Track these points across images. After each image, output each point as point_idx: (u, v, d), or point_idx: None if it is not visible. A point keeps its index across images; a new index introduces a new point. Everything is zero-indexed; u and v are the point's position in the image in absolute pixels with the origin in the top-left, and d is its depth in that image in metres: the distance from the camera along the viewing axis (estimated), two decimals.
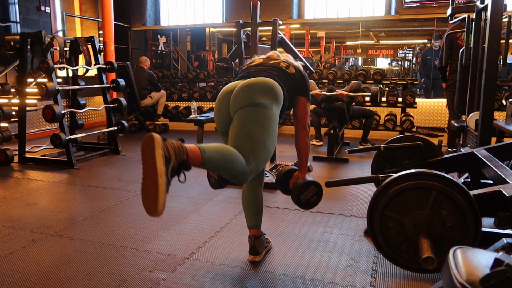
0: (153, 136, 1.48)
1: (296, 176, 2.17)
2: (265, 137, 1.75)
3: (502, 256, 0.82)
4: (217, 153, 1.59)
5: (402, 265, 1.82)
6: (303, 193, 2.07)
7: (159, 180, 1.51)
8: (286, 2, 7.86)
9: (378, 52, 12.96)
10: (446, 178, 1.70)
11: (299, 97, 2.04)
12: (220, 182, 2.20)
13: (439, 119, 6.65)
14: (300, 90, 2.03)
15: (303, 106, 2.06)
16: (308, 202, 2.09)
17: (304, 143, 2.09)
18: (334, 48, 12.42)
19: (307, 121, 2.08)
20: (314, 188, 2.10)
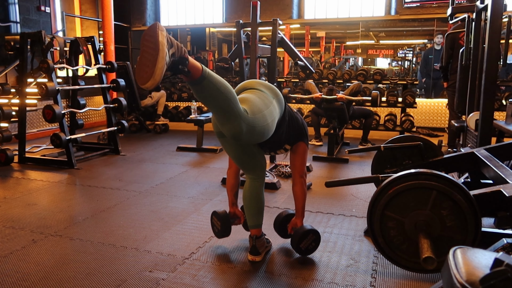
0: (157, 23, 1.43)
1: (294, 222, 2.23)
2: (263, 107, 1.79)
3: (502, 256, 0.82)
4: (218, 77, 1.56)
5: (402, 265, 1.82)
6: (303, 242, 2.14)
7: (159, 47, 1.37)
8: (286, 2, 7.87)
9: (378, 52, 12.96)
10: (446, 178, 1.70)
11: (299, 142, 2.12)
12: (224, 230, 2.27)
13: (439, 119, 6.65)
14: (300, 134, 2.12)
15: (301, 153, 2.14)
16: (307, 249, 2.17)
17: (301, 191, 2.17)
18: (334, 48, 12.41)
19: (304, 170, 2.17)
20: (312, 236, 2.16)
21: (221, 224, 2.25)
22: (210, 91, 1.54)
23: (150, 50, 1.38)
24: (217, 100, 1.57)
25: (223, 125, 1.67)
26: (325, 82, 6.69)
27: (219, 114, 1.63)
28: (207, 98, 1.57)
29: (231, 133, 1.66)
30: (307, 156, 2.22)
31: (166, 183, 3.64)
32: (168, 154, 4.88)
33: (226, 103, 1.57)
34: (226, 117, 1.62)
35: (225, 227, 2.26)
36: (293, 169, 2.19)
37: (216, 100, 1.56)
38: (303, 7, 8.02)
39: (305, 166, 2.19)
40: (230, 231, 2.30)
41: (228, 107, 1.58)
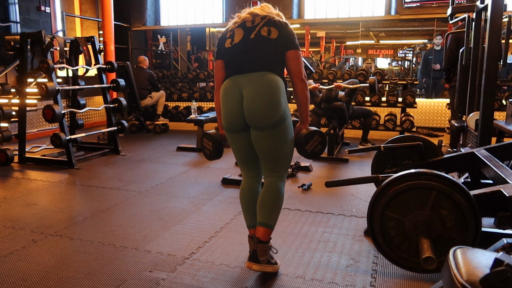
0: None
1: (299, 128, 2.11)
2: (290, 147, 2.02)
3: (502, 256, 0.82)
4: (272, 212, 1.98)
5: (402, 265, 1.82)
6: (308, 144, 2.04)
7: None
8: (286, 2, 7.86)
9: (378, 52, 12.97)
10: (446, 178, 1.70)
11: (288, 51, 1.97)
12: (215, 153, 2.16)
13: (439, 119, 6.65)
14: (288, 46, 1.96)
15: (294, 58, 1.98)
16: (314, 152, 2.07)
17: (303, 95, 2.01)
18: (334, 48, 12.42)
19: (302, 72, 2.00)
20: (318, 138, 2.06)
21: (213, 145, 2.14)
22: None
23: None
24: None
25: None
26: (325, 82, 6.69)
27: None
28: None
29: None
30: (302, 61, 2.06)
31: (166, 183, 3.64)
32: (168, 154, 4.88)
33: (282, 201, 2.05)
34: None
35: (217, 148, 2.14)
36: (291, 76, 2.01)
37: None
38: (303, 7, 8.02)
39: (303, 68, 2.01)
40: (222, 153, 2.18)
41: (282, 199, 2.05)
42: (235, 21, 2.03)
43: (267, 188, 2.01)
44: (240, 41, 1.97)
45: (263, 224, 1.96)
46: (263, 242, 1.94)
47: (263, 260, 1.94)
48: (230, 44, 1.99)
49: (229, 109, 1.94)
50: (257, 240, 1.94)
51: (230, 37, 2.00)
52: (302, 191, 3.35)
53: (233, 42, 1.98)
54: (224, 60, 2.02)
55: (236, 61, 1.96)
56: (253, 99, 1.88)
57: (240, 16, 2.02)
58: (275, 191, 1.99)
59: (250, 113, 1.89)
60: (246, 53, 1.94)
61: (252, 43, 1.94)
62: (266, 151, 1.96)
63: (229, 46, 1.99)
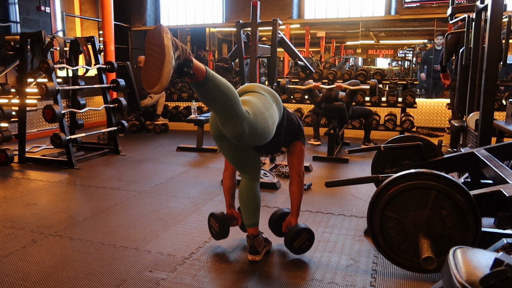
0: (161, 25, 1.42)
1: (289, 221, 2.24)
2: (264, 110, 1.83)
3: (502, 256, 0.82)
4: (221, 79, 1.59)
5: (402, 265, 1.82)
6: (296, 240, 2.14)
7: (166, 51, 1.37)
8: (286, 2, 7.86)
9: (378, 52, 12.97)
10: (446, 178, 1.70)
11: (296, 142, 2.12)
12: (222, 232, 2.26)
13: (439, 119, 6.65)
14: (297, 134, 2.13)
15: (299, 153, 2.14)
16: (301, 248, 2.17)
17: (298, 190, 2.18)
18: (334, 48, 12.42)
19: (301, 169, 2.17)
20: (306, 235, 2.16)
21: (219, 226, 2.25)
22: (214, 93, 1.55)
23: (156, 53, 1.37)
24: (220, 101, 1.58)
25: (225, 126, 1.68)
26: (325, 82, 6.69)
27: (222, 115, 1.64)
28: (210, 99, 1.58)
29: (234, 134, 1.68)
30: (305, 156, 2.22)
31: (166, 183, 3.64)
32: (168, 154, 4.88)
33: (229, 104, 1.58)
34: (229, 118, 1.63)
35: (223, 228, 2.25)
36: (291, 169, 2.19)
37: (220, 101, 1.58)
38: (303, 7, 8.02)
39: (303, 166, 2.20)
40: (228, 233, 2.29)
41: (231, 108, 1.59)
42: None
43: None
44: None
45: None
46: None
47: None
48: None
49: (211, 117, 2.00)
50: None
51: None
52: None
53: None
54: None
55: None
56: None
57: None
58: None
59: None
60: None
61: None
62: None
63: None
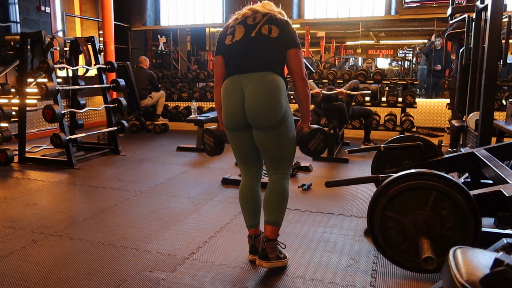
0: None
1: (300, 127, 2.12)
2: (293, 145, 2.01)
3: (502, 256, 0.82)
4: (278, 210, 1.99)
5: (402, 265, 1.82)
6: (311, 142, 2.04)
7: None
8: (286, 2, 7.86)
9: (378, 52, 12.96)
10: (446, 178, 1.70)
11: (289, 50, 1.96)
12: (216, 148, 2.16)
13: (439, 119, 6.65)
14: (288, 44, 1.95)
15: (295, 57, 1.97)
16: (316, 150, 2.07)
17: (304, 93, 2.01)
18: (334, 48, 12.41)
19: (303, 70, 1.99)
20: (320, 135, 2.06)
21: (214, 140, 2.14)
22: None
23: None
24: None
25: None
26: (325, 82, 6.70)
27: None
28: None
29: None
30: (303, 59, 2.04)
31: (166, 183, 3.64)
32: (168, 154, 4.88)
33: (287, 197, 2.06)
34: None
35: (218, 144, 2.15)
36: (292, 74, 2.00)
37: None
38: (303, 7, 8.02)
39: (303, 67, 2.01)
40: (223, 149, 2.18)
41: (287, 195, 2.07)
42: (236, 17, 2.02)
43: (272, 186, 2.03)
44: (241, 39, 1.96)
45: (270, 223, 1.99)
46: (271, 240, 1.98)
47: (273, 257, 1.99)
48: (231, 41, 1.98)
49: (231, 108, 1.94)
50: (265, 238, 1.98)
51: (230, 33, 1.99)
52: (302, 191, 3.35)
53: (233, 39, 1.98)
54: (224, 57, 2.02)
55: (236, 60, 1.96)
56: (254, 99, 1.88)
57: (241, 12, 2.01)
58: (280, 189, 2.01)
59: (252, 114, 1.90)
60: (247, 52, 1.94)
61: (253, 42, 1.93)
62: (269, 151, 1.98)
63: (229, 43, 1.99)
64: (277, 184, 2.02)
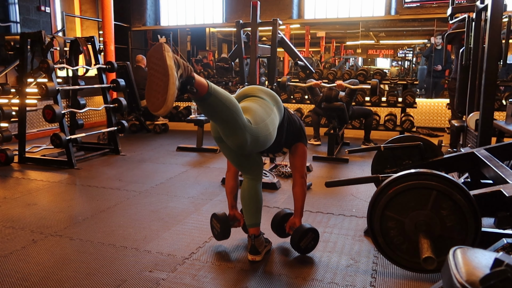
0: (162, 44, 1.41)
1: (292, 221, 2.24)
2: (265, 116, 1.83)
3: (502, 256, 0.82)
4: (222, 91, 1.59)
5: (402, 265, 1.82)
6: (303, 240, 2.16)
7: (169, 72, 1.37)
8: (286, 2, 7.86)
9: (378, 52, 12.96)
10: (446, 178, 1.70)
11: (298, 143, 2.13)
12: (223, 233, 2.27)
13: (439, 119, 6.65)
14: (299, 135, 2.13)
15: (301, 154, 2.15)
16: (307, 248, 2.19)
17: (301, 191, 2.19)
18: (334, 48, 12.41)
19: (304, 170, 2.19)
20: (312, 235, 2.19)
21: (221, 226, 2.26)
22: (216, 107, 1.56)
23: (159, 74, 1.38)
24: (222, 114, 1.58)
25: (227, 137, 1.68)
26: (325, 82, 6.69)
27: (225, 127, 1.65)
28: (212, 113, 1.59)
29: (236, 144, 1.69)
30: (307, 156, 2.23)
31: (166, 183, 3.64)
32: (168, 154, 4.88)
33: (231, 117, 1.59)
34: (231, 130, 1.63)
35: (225, 229, 2.26)
36: (293, 170, 2.21)
37: (222, 114, 1.58)
38: (303, 7, 8.02)
39: (305, 167, 2.21)
40: (230, 233, 2.30)
41: (233, 120, 1.60)
42: None
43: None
44: None
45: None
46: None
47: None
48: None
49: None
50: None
51: None
52: None
53: None
54: None
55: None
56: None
57: None
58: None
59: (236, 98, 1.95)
60: None
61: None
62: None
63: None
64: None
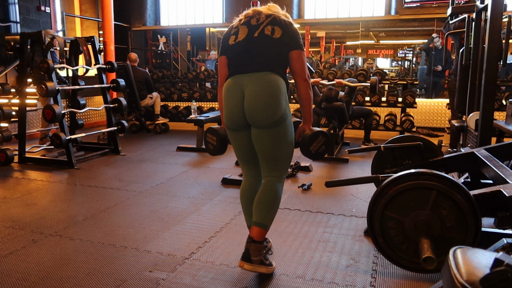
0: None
1: (302, 128, 2.12)
2: (290, 147, 1.98)
3: (502, 256, 0.82)
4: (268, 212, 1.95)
5: (402, 265, 1.82)
6: (312, 144, 2.04)
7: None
8: (286, 2, 7.86)
9: (378, 52, 12.96)
10: (446, 178, 1.70)
11: (291, 52, 1.96)
12: (220, 148, 2.16)
13: (439, 119, 6.65)
14: (291, 46, 1.94)
15: (298, 58, 1.97)
16: (318, 152, 2.07)
17: (306, 95, 2.01)
18: (334, 48, 12.42)
19: (306, 72, 1.99)
20: (322, 138, 2.07)
21: (217, 139, 2.14)
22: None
23: None
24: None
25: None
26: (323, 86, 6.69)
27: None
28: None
29: None
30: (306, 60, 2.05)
31: (166, 183, 3.64)
32: (168, 154, 4.88)
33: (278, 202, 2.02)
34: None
35: (221, 143, 2.15)
36: (294, 76, 2.00)
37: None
38: (303, 7, 8.02)
39: (306, 68, 2.01)
40: (226, 149, 2.17)
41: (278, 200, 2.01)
42: (240, 18, 2.03)
43: (265, 187, 2.00)
44: (244, 39, 1.96)
45: (257, 224, 1.94)
46: (256, 242, 1.91)
47: (256, 260, 1.91)
48: (234, 41, 1.99)
49: (231, 108, 1.95)
50: (250, 239, 1.92)
51: (234, 34, 2.00)
52: (302, 191, 3.35)
53: (236, 40, 1.98)
54: (227, 57, 2.02)
55: (238, 60, 1.96)
56: (254, 98, 1.88)
57: (245, 14, 2.03)
58: (272, 191, 1.97)
59: (250, 112, 1.90)
60: (249, 52, 1.94)
61: (255, 42, 1.94)
62: (266, 150, 1.95)
63: (232, 43, 1.99)
64: (270, 185, 1.98)
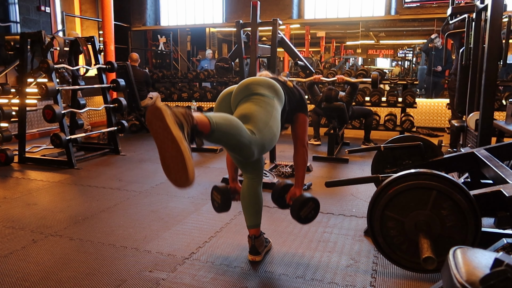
0: (158, 106, 1.37)
1: (293, 191, 2.20)
2: (268, 118, 1.77)
3: (502, 256, 0.82)
4: (223, 119, 1.56)
5: (402, 265, 1.82)
6: (303, 210, 2.11)
7: (181, 146, 1.36)
8: (286, 2, 7.87)
9: (378, 52, 12.96)
10: (446, 178, 1.70)
11: (298, 114, 2.09)
12: (224, 205, 2.24)
13: (439, 119, 6.65)
14: (299, 106, 2.09)
15: (302, 123, 2.11)
16: (307, 218, 2.14)
17: (303, 160, 2.15)
18: (334, 48, 12.42)
19: (306, 139, 2.14)
20: (312, 204, 2.14)
21: (221, 197, 2.20)
22: (221, 138, 1.56)
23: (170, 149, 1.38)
24: (228, 142, 1.59)
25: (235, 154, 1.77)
26: (325, 82, 6.69)
27: (231, 149, 1.70)
28: (219, 143, 1.61)
29: (244, 158, 1.75)
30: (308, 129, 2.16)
31: (166, 183, 3.64)
32: None
33: (236, 140, 1.59)
34: (238, 150, 1.65)
35: (225, 201, 2.20)
36: (295, 139, 2.12)
37: (228, 142, 1.59)
38: (303, 7, 8.02)
39: (307, 136, 2.14)
40: (230, 206, 2.24)
41: (238, 142, 1.60)
42: None
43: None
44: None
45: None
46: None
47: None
48: None
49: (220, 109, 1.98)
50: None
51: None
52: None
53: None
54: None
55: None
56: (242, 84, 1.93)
57: None
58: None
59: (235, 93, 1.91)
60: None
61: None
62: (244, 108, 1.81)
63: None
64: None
